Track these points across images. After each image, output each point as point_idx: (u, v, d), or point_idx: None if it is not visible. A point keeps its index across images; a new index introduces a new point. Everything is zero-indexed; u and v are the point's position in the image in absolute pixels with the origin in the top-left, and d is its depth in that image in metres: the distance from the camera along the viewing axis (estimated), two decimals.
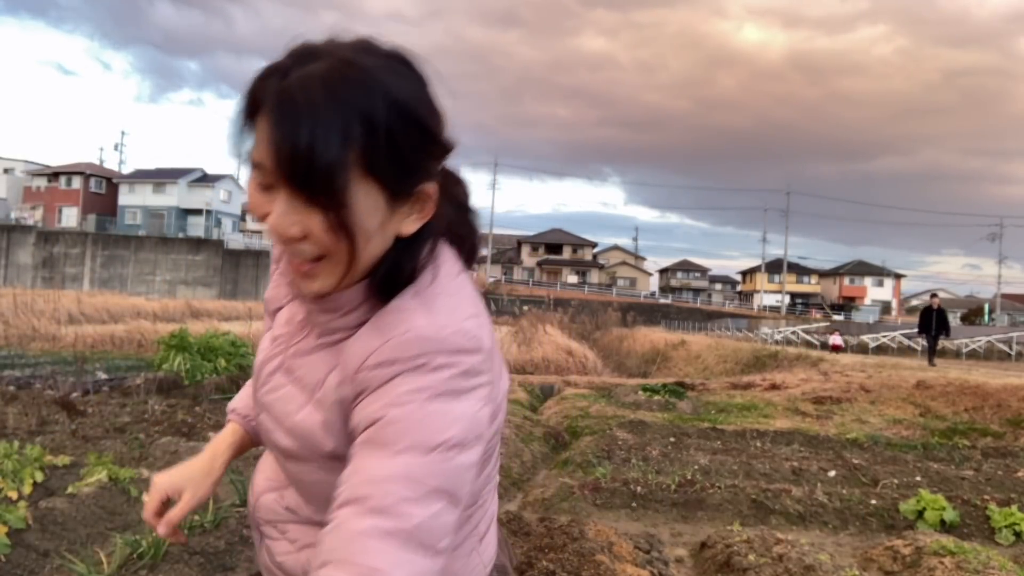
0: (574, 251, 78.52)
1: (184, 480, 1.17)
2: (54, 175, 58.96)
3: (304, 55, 0.81)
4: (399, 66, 0.84)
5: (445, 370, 0.83)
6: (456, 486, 0.82)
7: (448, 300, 0.89)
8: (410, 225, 0.87)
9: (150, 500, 1.13)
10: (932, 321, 17.05)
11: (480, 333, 0.88)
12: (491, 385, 0.88)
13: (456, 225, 0.95)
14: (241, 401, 1.25)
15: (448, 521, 0.81)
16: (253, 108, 0.82)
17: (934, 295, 18.13)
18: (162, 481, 1.16)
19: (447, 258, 0.93)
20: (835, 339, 30.22)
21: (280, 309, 1.08)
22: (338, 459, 0.89)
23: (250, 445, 1.24)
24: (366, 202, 0.81)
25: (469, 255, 0.97)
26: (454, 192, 0.95)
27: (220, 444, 1.21)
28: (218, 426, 6.68)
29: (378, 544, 0.76)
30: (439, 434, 0.81)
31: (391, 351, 0.84)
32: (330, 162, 0.77)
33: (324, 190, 0.78)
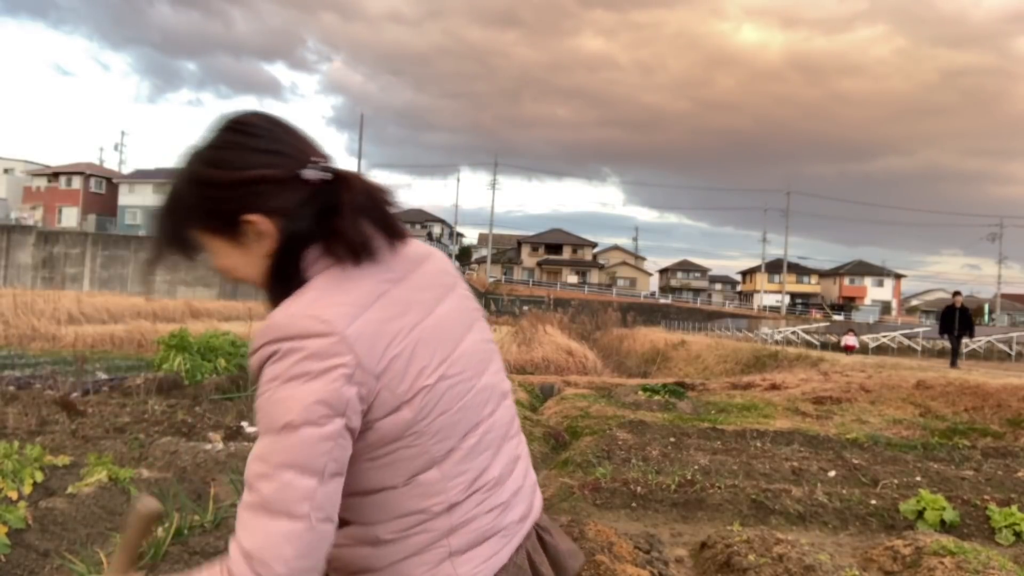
0: (574, 251, 78.50)
1: None
2: (54, 175, 58.97)
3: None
4: (201, 150, 1.07)
5: (293, 355, 0.96)
6: (304, 459, 0.94)
7: (311, 293, 1.02)
8: (263, 247, 1.06)
9: None
10: (955, 321, 16.12)
11: (332, 318, 0.98)
12: (353, 367, 0.97)
13: (335, 228, 1.04)
14: None
15: (301, 487, 0.93)
16: None
17: (957, 293, 16.90)
18: None
19: (322, 259, 1.05)
20: (849, 339, 27.78)
21: None
22: None
23: None
24: (213, 245, 1.08)
25: (352, 249, 1.04)
26: (323, 200, 1.05)
27: None
28: (218, 426, 6.68)
29: (244, 515, 0.95)
30: (283, 417, 0.94)
31: (254, 345, 1.00)
32: (171, 240, 1.09)
33: (185, 253, 1.10)
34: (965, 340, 18.47)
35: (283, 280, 1.06)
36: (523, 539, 1.18)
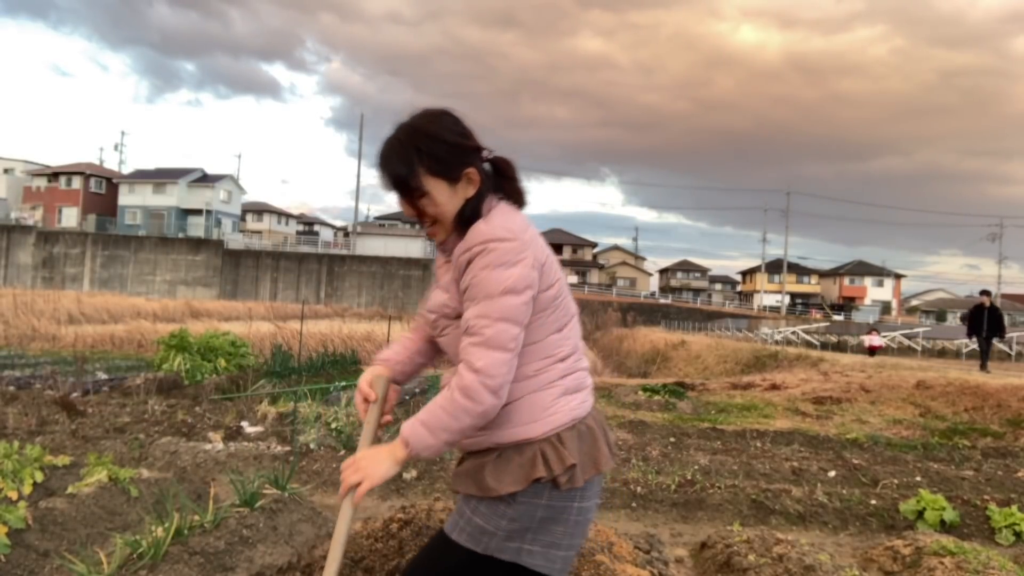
0: (574, 251, 78.51)
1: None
2: (54, 175, 58.94)
3: (392, 130, 1.67)
4: (436, 115, 1.68)
5: (496, 251, 1.56)
6: (512, 314, 1.55)
7: (498, 215, 1.64)
8: (468, 191, 1.65)
9: (361, 385, 1.82)
10: (984, 321, 14.81)
11: (516, 229, 1.60)
12: (533, 258, 1.59)
13: (505, 187, 1.71)
14: (386, 352, 1.91)
15: (510, 333, 1.55)
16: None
17: (985, 292, 15.52)
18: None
19: (500, 202, 1.68)
20: (874, 339, 24.93)
21: (438, 273, 1.82)
22: (459, 317, 1.64)
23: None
24: (436, 188, 1.63)
25: (518, 200, 1.72)
26: (502, 168, 1.73)
27: (379, 368, 1.89)
28: (218, 426, 6.68)
29: (472, 349, 1.55)
30: (497, 287, 1.55)
31: (468, 243, 1.59)
32: (403, 176, 1.62)
33: (409, 191, 1.64)
34: (961, 341, 17.76)
35: (473, 215, 1.63)
36: (593, 406, 1.75)
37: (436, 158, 1.60)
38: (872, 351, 23.76)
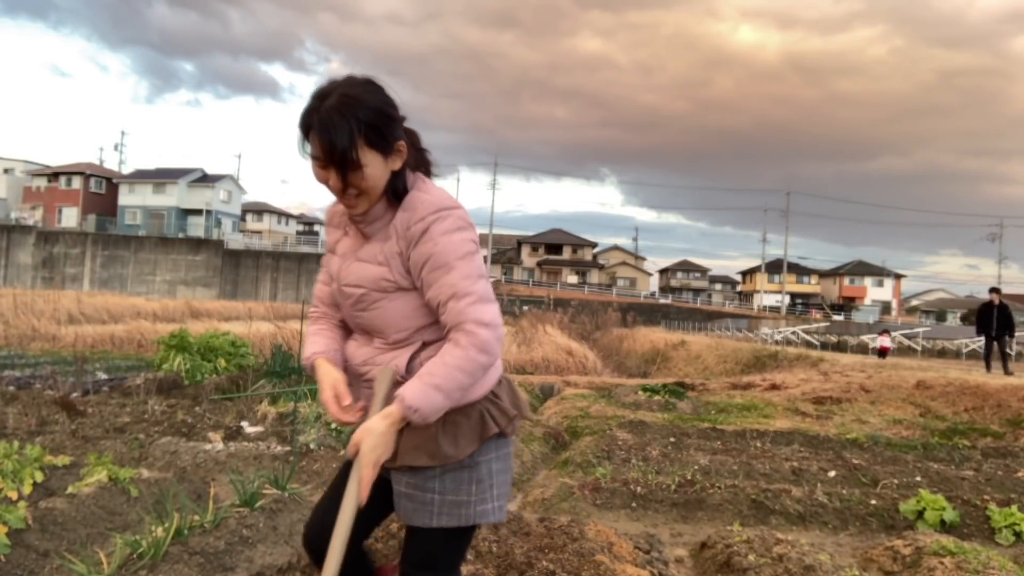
0: (574, 251, 78.50)
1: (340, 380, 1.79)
2: (54, 175, 58.95)
3: (324, 95, 1.61)
4: (370, 85, 1.65)
5: (450, 217, 1.64)
6: (483, 271, 1.67)
7: (432, 188, 1.73)
8: (396, 164, 1.68)
9: (328, 394, 1.76)
10: (992, 319, 14.46)
11: (452, 198, 1.69)
12: (472, 226, 1.69)
13: (417, 158, 1.77)
14: (315, 347, 1.86)
15: (488, 286, 1.65)
16: (306, 128, 1.62)
17: (994, 290, 15.02)
18: (329, 380, 1.78)
19: (419, 175, 1.75)
20: (884, 340, 23.77)
21: (335, 246, 1.84)
22: (403, 289, 1.69)
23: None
24: (372, 160, 1.63)
25: (427, 170, 1.79)
26: (413, 139, 1.75)
27: (327, 366, 1.83)
28: (218, 426, 6.68)
29: (475, 306, 1.60)
30: (464, 248, 1.63)
31: (420, 214, 1.63)
32: (345, 148, 1.58)
33: (348, 163, 1.60)
34: (961, 341, 17.49)
35: (404, 187, 1.69)
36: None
37: (375, 129, 1.59)
38: (883, 353, 22.70)
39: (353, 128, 1.56)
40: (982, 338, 15.47)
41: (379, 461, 1.60)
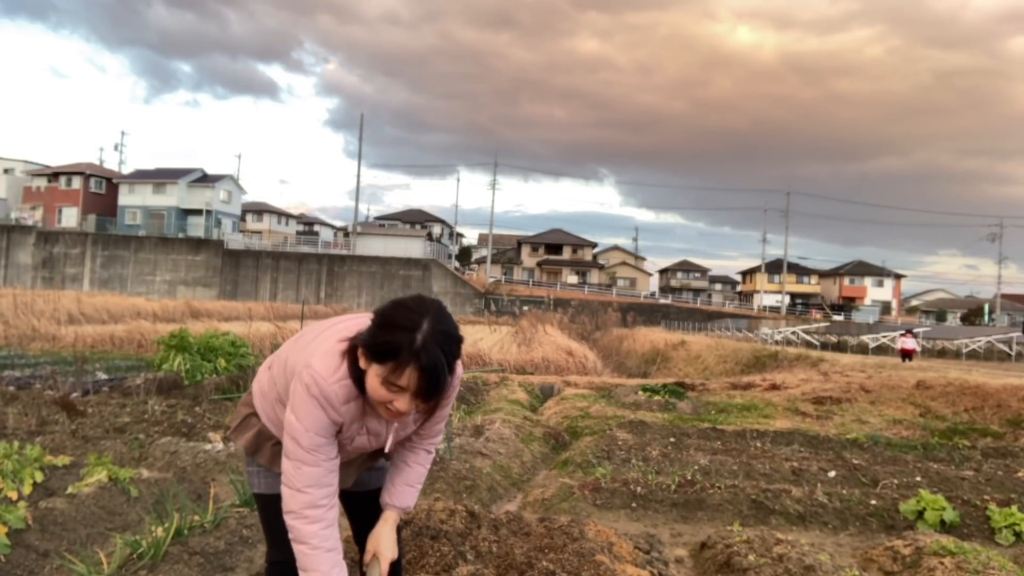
0: (574, 251, 78.46)
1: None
2: (54, 175, 58.90)
3: (413, 326, 1.73)
4: (447, 314, 1.84)
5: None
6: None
7: None
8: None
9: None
10: None
11: None
12: None
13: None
14: None
15: None
16: (393, 351, 1.72)
17: None
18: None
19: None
20: (908, 342, 21.06)
21: (364, 426, 1.99)
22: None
23: None
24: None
25: None
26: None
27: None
28: (218, 426, 6.68)
29: (440, 430, 2.20)
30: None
31: (460, 372, 1.99)
32: (444, 389, 1.82)
33: (439, 399, 1.86)
34: (961, 341, 17.00)
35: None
36: None
37: (455, 361, 1.83)
38: (906, 355, 20.43)
39: (450, 366, 1.76)
40: (982, 338, 15.39)
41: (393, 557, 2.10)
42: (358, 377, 1.82)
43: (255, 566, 3.46)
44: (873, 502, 4.99)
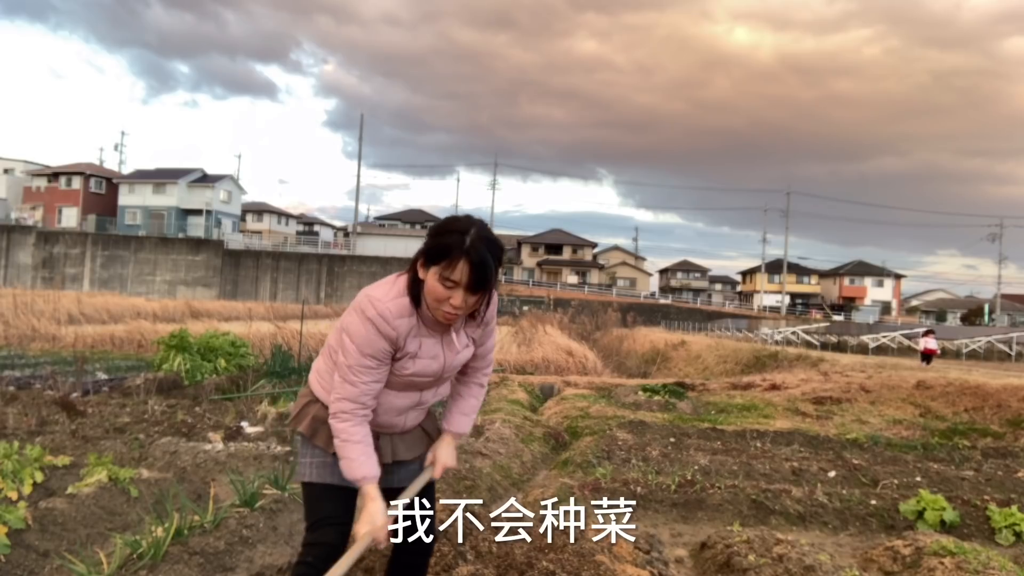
0: (574, 251, 78.46)
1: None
2: (54, 175, 58.91)
3: (463, 229, 1.99)
4: (491, 230, 2.07)
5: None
6: None
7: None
8: None
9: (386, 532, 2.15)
10: None
11: None
12: None
13: None
14: (375, 469, 2.16)
15: None
16: (449, 253, 1.98)
17: None
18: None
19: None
20: (929, 342, 19.49)
21: (419, 351, 2.16)
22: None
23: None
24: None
25: None
26: None
27: (380, 501, 2.16)
28: (218, 426, 6.68)
29: (492, 358, 2.48)
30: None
31: (493, 310, 2.23)
32: (491, 282, 2.03)
33: (487, 293, 2.06)
34: (961, 341, 16.78)
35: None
36: None
37: (500, 267, 2.04)
38: (926, 356, 19.16)
39: (495, 265, 1.99)
40: (982, 338, 15.42)
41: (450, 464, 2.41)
42: (415, 295, 2.06)
43: (255, 566, 3.46)
44: (873, 502, 4.99)
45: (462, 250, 1.95)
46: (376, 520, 2.08)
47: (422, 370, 2.16)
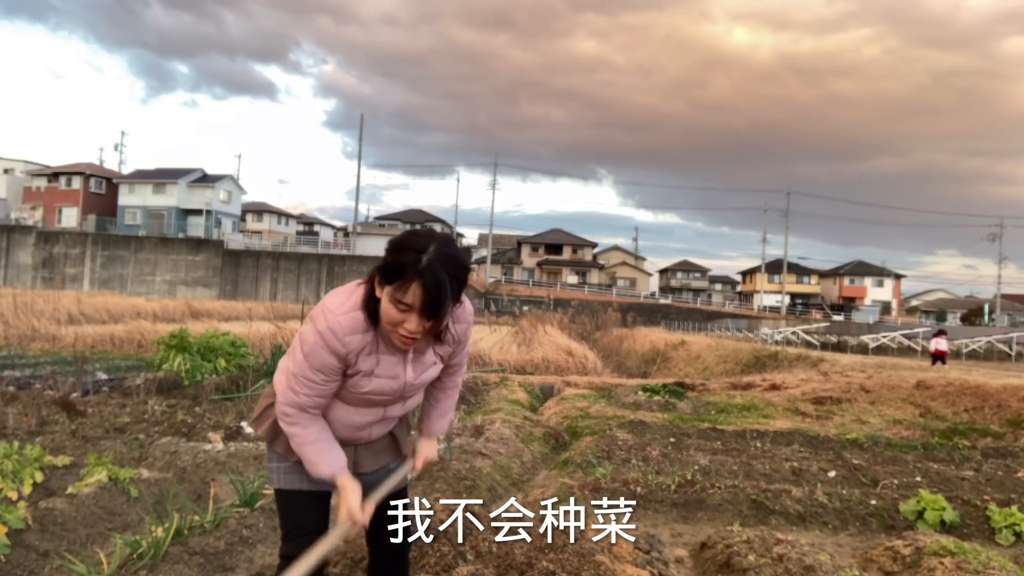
0: (574, 251, 78.45)
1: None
2: (54, 175, 58.91)
3: (421, 247, 1.82)
4: (456, 245, 1.91)
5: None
6: None
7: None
8: None
9: (366, 515, 2.08)
10: None
11: None
12: None
13: None
14: (338, 463, 2.08)
15: None
16: (402, 275, 1.81)
17: None
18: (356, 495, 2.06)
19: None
20: (940, 343, 18.98)
21: (375, 368, 2.04)
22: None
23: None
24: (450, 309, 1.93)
25: None
26: None
27: (355, 487, 2.09)
28: (218, 426, 6.68)
29: (463, 368, 2.34)
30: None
31: (465, 323, 2.13)
32: (446, 308, 1.86)
33: (443, 318, 1.89)
34: (961, 341, 16.50)
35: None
36: None
37: (461, 287, 1.89)
38: (938, 358, 18.63)
39: (453, 288, 1.82)
40: (982, 338, 15.42)
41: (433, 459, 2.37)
42: (373, 310, 1.91)
43: (255, 566, 3.46)
44: (873, 502, 4.99)
45: (416, 270, 1.78)
46: (352, 502, 2.00)
47: (379, 389, 2.03)
